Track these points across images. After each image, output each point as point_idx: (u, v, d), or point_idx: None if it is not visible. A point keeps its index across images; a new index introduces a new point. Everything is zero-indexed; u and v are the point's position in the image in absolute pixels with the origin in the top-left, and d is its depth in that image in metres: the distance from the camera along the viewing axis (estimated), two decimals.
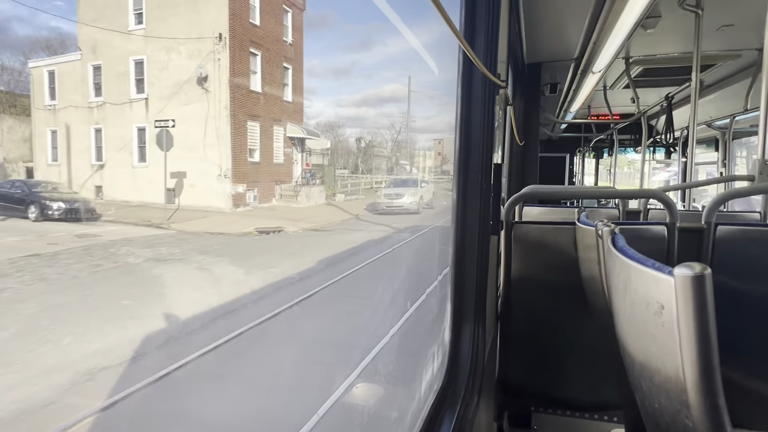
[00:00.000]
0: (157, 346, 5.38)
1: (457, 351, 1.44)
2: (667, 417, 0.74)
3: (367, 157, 36.76)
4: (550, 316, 1.99)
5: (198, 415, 4.09)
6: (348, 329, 6.24)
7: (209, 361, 5.00)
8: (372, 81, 42.93)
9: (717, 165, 6.20)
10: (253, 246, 10.82)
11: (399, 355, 5.42)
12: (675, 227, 1.69)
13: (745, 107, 4.47)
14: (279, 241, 11.55)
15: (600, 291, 1.23)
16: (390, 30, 43.10)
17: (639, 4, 2.45)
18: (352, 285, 7.90)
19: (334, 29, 36.10)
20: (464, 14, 1.43)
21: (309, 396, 4.35)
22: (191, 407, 4.18)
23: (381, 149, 38.01)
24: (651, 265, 0.73)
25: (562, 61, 4.09)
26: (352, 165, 34.32)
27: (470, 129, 1.44)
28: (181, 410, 4.20)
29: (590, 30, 3.16)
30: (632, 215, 2.83)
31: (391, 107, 44.91)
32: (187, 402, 4.29)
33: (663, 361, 0.70)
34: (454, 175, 1.47)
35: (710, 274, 0.59)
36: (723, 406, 0.62)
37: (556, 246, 1.88)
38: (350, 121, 41.50)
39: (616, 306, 1.03)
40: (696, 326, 0.60)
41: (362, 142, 37.06)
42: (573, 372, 2.01)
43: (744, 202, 4.90)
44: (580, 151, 9.72)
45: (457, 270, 1.47)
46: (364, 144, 37.07)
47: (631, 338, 0.92)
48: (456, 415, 1.24)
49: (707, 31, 3.08)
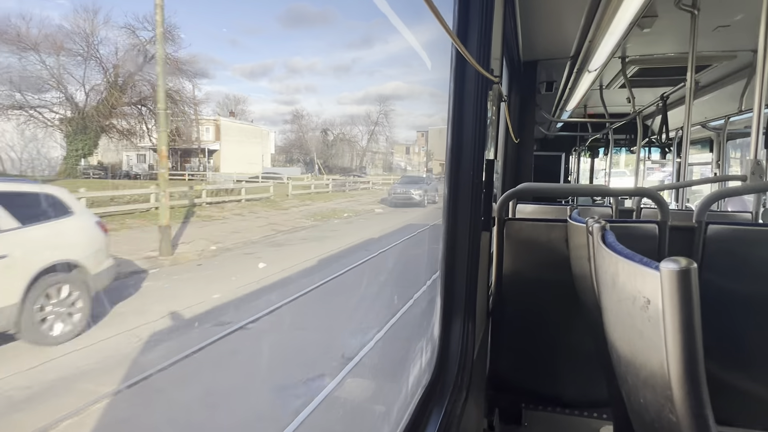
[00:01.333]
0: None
1: (446, 346, 1.44)
2: (653, 412, 0.74)
3: (334, 153, 31.74)
4: (541, 312, 2.00)
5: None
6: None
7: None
8: (367, 80, 42.37)
9: (711, 166, 6.23)
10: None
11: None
12: (666, 225, 1.69)
13: (739, 108, 4.49)
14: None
15: (590, 288, 1.23)
16: (387, 27, 42.56)
17: (635, 3, 2.45)
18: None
19: (333, 26, 35.66)
20: (458, 9, 1.42)
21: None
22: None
23: (353, 143, 32.94)
24: (638, 260, 0.73)
25: (558, 60, 4.08)
26: (318, 163, 29.09)
27: (462, 124, 1.43)
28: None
29: (586, 28, 3.16)
30: (625, 214, 2.84)
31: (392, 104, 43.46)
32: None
33: (648, 356, 0.70)
34: (445, 171, 1.46)
35: (696, 269, 0.59)
36: (707, 402, 0.62)
37: (547, 243, 1.88)
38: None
39: (605, 302, 1.03)
40: (681, 321, 0.60)
41: (329, 134, 31.78)
42: (563, 369, 2.01)
43: (738, 203, 4.93)
44: (575, 150, 9.73)
45: (448, 266, 1.46)
46: (332, 137, 31.70)
47: (618, 333, 0.91)
48: (444, 410, 1.23)
49: (703, 31, 3.08)
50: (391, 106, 34.61)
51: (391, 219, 15.73)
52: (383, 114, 34.01)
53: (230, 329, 5.65)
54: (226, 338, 5.44)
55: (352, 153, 32.62)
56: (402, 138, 37.04)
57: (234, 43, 30.52)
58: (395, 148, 36.11)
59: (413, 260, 10.43)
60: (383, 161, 33.74)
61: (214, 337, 5.38)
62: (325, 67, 34.81)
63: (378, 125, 33.68)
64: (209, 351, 5.11)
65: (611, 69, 4.36)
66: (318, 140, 31.18)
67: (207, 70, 30.81)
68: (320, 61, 34.21)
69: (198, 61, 25.37)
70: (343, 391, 4.55)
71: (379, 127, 33.64)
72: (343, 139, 32.36)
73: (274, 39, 30.80)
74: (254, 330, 5.81)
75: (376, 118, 33.74)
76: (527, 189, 2.13)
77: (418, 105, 39.49)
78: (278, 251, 9.33)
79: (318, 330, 6.25)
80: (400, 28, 1.74)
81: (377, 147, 33.74)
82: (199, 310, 6.08)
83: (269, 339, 5.80)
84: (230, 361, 5.13)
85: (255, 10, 27.39)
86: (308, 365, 5.06)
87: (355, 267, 8.91)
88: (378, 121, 33.75)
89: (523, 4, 2.88)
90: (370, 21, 34.65)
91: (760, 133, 2.39)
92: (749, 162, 2.36)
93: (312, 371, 4.92)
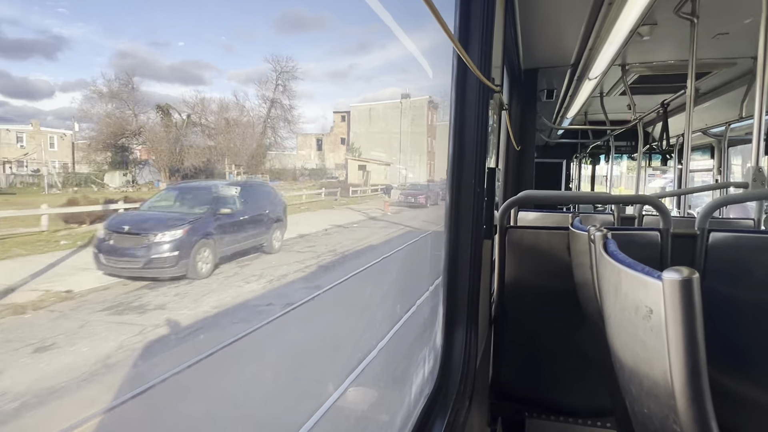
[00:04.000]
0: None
1: (449, 355, 1.43)
2: (657, 422, 0.74)
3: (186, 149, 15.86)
4: (543, 321, 1.99)
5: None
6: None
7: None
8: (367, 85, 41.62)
9: (713, 172, 6.23)
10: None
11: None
12: (668, 233, 1.69)
13: (740, 115, 4.50)
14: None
15: (592, 296, 1.22)
16: (386, 34, 42.07)
17: (635, 11, 2.47)
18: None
19: (332, 32, 35.00)
20: (458, 18, 1.44)
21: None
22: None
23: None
24: (640, 269, 0.73)
25: (558, 67, 4.10)
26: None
27: (464, 133, 1.44)
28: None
29: (586, 36, 3.18)
30: (627, 221, 2.83)
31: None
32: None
33: (651, 365, 0.70)
34: (447, 179, 1.47)
35: (698, 278, 0.59)
36: (711, 412, 0.62)
37: (549, 251, 1.87)
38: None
39: (607, 311, 1.03)
40: (684, 330, 0.60)
41: (182, 115, 16.46)
42: (567, 377, 2.00)
43: (740, 210, 4.92)
44: (576, 158, 9.74)
45: (450, 274, 1.46)
46: (184, 118, 16.35)
47: (620, 343, 0.91)
48: (447, 419, 1.23)
49: (702, 38, 3.10)
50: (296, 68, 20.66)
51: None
52: (281, 84, 20.37)
53: None
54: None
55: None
56: (314, 125, 26.13)
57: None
58: (301, 141, 24.15)
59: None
60: (277, 160, 20.57)
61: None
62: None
63: (275, 103, 20.31)
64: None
65: (611, 76, 4.38)
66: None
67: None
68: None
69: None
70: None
71: (276, 107, 20.30)
72: (200, 124, 17.10)
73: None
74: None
75: (272, 91, 20.19)
76: (529, 197, 2.13)
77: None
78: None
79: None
80: (400, 36, 1.75)
81: (275, 138, 20.35)
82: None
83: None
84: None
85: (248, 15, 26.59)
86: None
87: None
88: (274, 98, 20.28)
89: (523, 12, 2.90)
90: (364, 26, 34.07)
91: (761, 140, 2.39)
92: (750, 169, 2.37)
93: None
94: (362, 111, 28.47)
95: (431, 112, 28.50)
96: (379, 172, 23.80)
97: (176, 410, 4.25)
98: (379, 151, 26.16)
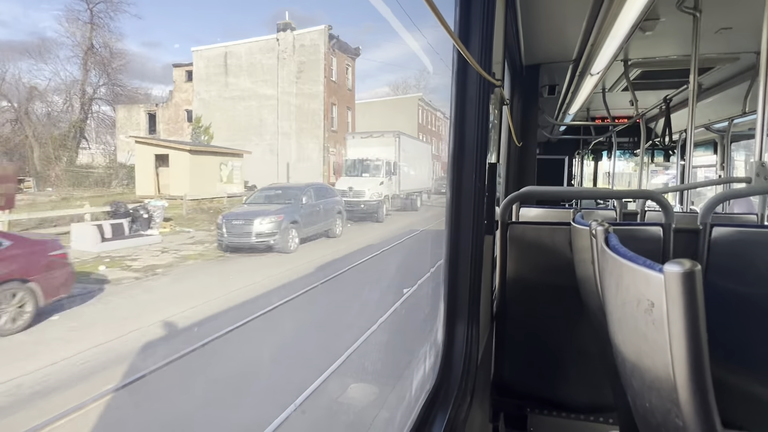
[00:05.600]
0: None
1: (450, 351, 1.43)
2: (659, 416, 0.73)
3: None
4: (545, 316, 1.98)
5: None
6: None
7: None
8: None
9: (716, 168, 6.20)
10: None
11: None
12: (670, 228, 1.68)
13: (743, 110, 4.47)
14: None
15: (594, 291, 1.22)
16: (386, 30, 41.32)
17: (637, 6, 2.45)
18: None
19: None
20: (459, 13, 1.43)
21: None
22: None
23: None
24: (642, 262, 0.72)
25: (560, 63, 4.08)
26: None
27: (464, 128, 1.43)
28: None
29: (588, 31, 3.16)
30: (629, 217, 2.82)
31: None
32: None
33: (653, 359, 0.70)
34: (447, 174, 1.46)
35: (700, 271, 0.58)
36: (713, 405, 0.61)
37: (551, 246, 1.87)
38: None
39: (609, 305, 1.02)
40: (685, 323, 0.59)
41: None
42: (569, 373, 2.00)
43: (745, 205, 4.89)
44: (578, 154, 9.71)
45: (451, 269, 1.46)
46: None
47: (622, 337, 0.91)
48: (448, 415, 1.22)
49: (705, 33, 3.08)
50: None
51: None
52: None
53: None
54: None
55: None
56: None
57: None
58: (121, 112, 15.22)
59: None
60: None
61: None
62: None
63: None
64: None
65: (614, 72, 4.35)
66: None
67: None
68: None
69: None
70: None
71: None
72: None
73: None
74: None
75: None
76: (530, 192, 2.12)
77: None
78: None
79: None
80: (400, 32, 1.74)
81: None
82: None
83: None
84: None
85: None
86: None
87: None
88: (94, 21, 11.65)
89: (524, 7, 2.88)
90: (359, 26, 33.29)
91: (764, 135, 2.37)
92: (754, 164, 2.35)
93: None
94: (213, 59, 15.68)
95: (338, 58, 15.94)
96: (214, 171, 12.92)
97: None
98: (244, 132, 15.46)
